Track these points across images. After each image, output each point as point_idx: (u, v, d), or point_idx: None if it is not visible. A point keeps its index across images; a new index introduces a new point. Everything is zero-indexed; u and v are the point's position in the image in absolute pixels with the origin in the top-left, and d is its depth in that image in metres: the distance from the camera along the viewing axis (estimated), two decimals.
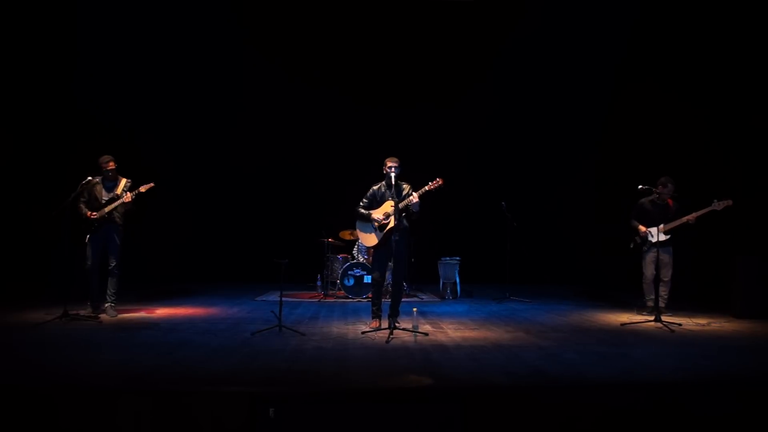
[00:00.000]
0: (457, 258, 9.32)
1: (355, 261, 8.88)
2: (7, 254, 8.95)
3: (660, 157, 8.97)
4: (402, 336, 5.71)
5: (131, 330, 6.00)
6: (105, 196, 6.91)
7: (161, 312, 7.28)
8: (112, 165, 6.90)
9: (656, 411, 3.90)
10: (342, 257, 9.18)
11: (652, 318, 6.53)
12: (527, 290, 9.68)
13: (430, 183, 5.82)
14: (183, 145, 10.81)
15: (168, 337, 5.63)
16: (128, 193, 6.80)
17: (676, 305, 7.36)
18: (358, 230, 6.36)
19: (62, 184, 7.38)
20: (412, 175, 6.30)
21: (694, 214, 6.85)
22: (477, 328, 6.26)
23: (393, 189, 6.03)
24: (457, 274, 9.23)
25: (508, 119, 10.91)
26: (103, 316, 6.72)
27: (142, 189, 6.79)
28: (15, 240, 9.11)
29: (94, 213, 6.81)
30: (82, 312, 6.67)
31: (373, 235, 6.21)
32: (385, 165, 6.12)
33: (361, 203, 6.28)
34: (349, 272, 8.73)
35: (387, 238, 6.06)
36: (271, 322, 6.13)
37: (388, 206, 6.09)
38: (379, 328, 6.00)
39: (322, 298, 8.86)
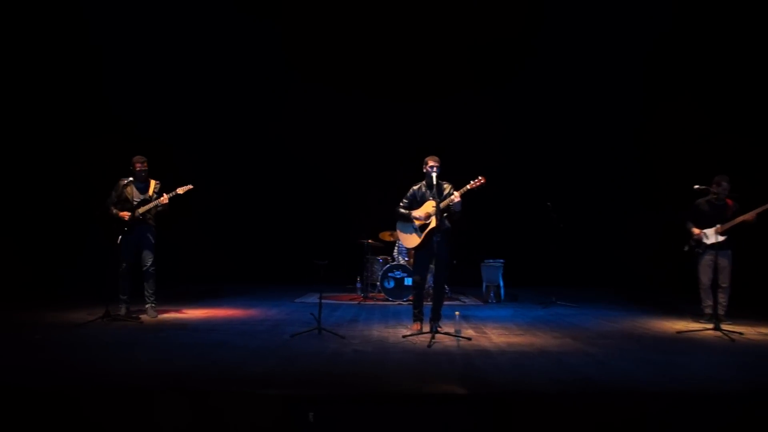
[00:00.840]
0: (501, 260, 9.24)
1: (395, 263, 8.86)
2: (41, 256, 9.25)
3: (714, 153, 8.67)
4: (444, 340, 5.67)
5: (171, 330, 6.10)
6: (137, 197, 6.97)
7: (199, 313, 7.38)
8: (144, 166, 6.96)
9: (715, 424, 3.77)
10: (382, 259, 9.18)
11: (711, 326, 6.32)
12: (574, 294, 9.51)
13: (471, 182, 5.77)
14: (219, 142, 10.96)
15: (207, 338, 5.70)
16: (165, 195, 6.83)
17: (738, 313, 7.11)
18: (398, 231, 6.34)
19: (95, 185, 7.55)
20: (452, 174, 6.25)
21: (753, 212, 6.53)
22: (522, 334, 6.19)
23: (434, 189, 5.98)
24: (500, 277, 9.15)
25: (552, 115, 10.73)
26: (143, 316, 6.84)
27: (180, 191, 6.83)
28: (46, 242, 9.42)
29: (127, 214, 6.86)
30: (121, 312, 6.79)
31: (413, 235, 6.19)
32: (426, 164, 6.09)
33: (401, 203, 6.27)
34: (389, 274, 8.72)
35: (428, 239, 6.03)
36: (310, 325, 6.15)
37: (429, 206, 6.05)
38: (420, 332, 5.98)
39: (361, 300, 8.86)
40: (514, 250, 10.16)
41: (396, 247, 9.18)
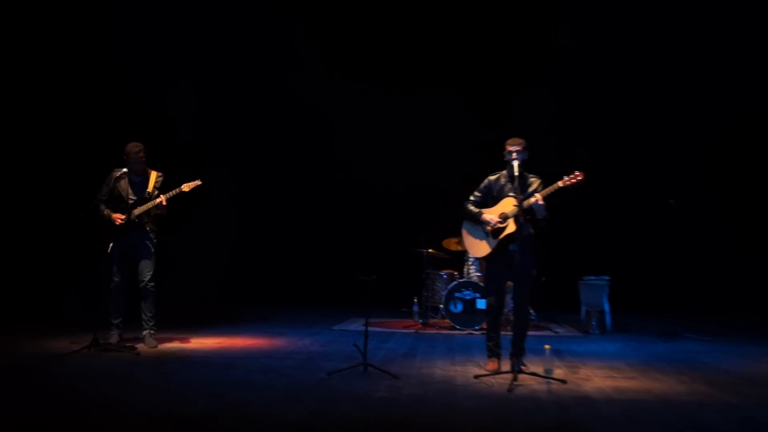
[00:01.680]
0: (606, 278, 9.14)
1: (464, 279, 8.88)
2: (22, 266, 9.62)
3: None
4: (529, 383, 5.66)
5: (175, 364, 6.24)
6: (132, 195, 7.11)
7: (211, 342, 7.53)
8: (141, 155, 7.07)
9: None
10: (446, 274, 9.19)
11: None
12: (706, 324, 9.34)
13: (565, 177, 5.79)
14: (240, 133, 11.28)
15: (222, 374, 5.80)
16: (162, 196, 6.97)
17: None
18: (464, 233, 6.41)
19: (86, 181, 7.72)
20: (544, 167, 6.29)
21: None
22: (636, 377, 6.12)
23: (516, 182, 5.95)
24: (605, 300, 9.05)
25: (674, 93, 10.69)
26: (140, 346, 6.99)
27: (186, 188, 6.96)
28: (31, 250, 9.78)
29: (120, 216, 7.01)
30: (112, 339, 6.97)
31: (484, 242, 6.22)
32: (506, 148, 6.11)
33: (471, 197, 6.32)
34: (457, 294, 8.74)
35: (503, 247, 6.07)
36: (354, 359, 6.19)
37: (508, 205, 6.05)
38: (497, 372, 5.97)
39: (419, 328, 8.92)
40: (623, 264, 10.01)
41: (465, 259, 9.20)
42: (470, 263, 9.14)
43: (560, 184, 5.75)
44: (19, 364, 6.12)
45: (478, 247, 6.24)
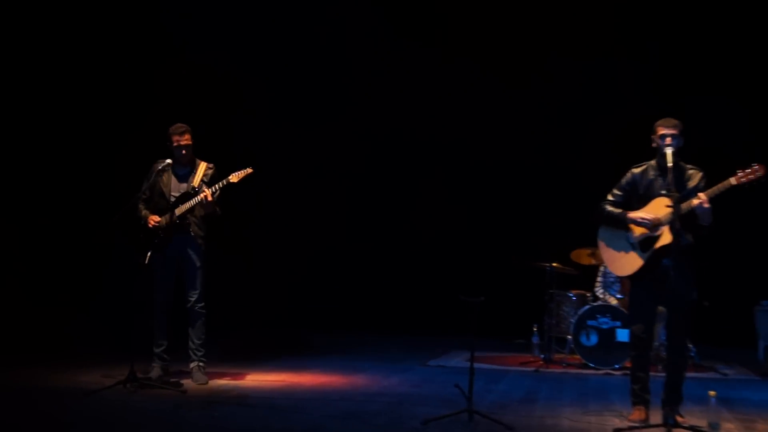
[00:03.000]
0: None
1: (598, 302, 8.85)
2: (41, 282, 9.77)
3: None
4: None
5: (229, 407, 6.30)
6: (175, 191, 7.26)
7: (273, 379, 7.63)
8: (187, 139, 7.19)
9: None
10: (576, 295, 9.20)
11: None
12: None
13: (740, 172, 5.72)
14: (314, 119, 11.45)
15: (289, 420, 5.85)
16: (207, 190, 7.06)
17: None
18: (601, 244, 6.40)
19: (121, 175, 8.13)
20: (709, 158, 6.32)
21: None
22: None
23: (670, 176, 5.90)
24: None
25: None
26: (187, 381, 7.12)
27: (233, 178, 7.05)
28: (53, 260, 9.97)
29: (157, 218, 7.16)
30: (153, 373, 7.13)
31: (630, 255, 6.16)
32: (655, 132, 6.09)
33: (609, 197, 6.32)
34: (590, 322, 8.72)
35: (656, 262, 6.00)
36: (456, 405, 6.14)
37: (659, 207, 5.99)
38: (645, 424, 5.90)
39: (541, 365, 8.93)
40: None
41: (600, 275, 9.11)
42: (608, 281, 9.06)
43: (733, 181, 5.69)
44: (40, 403, 6.25)
45: (622, 262, 6.21)
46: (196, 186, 7.20)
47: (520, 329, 10.01)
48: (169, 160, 7.13)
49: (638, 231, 6.06)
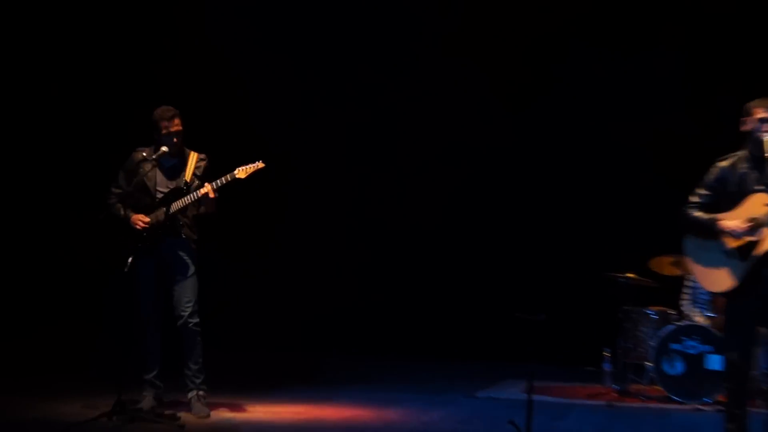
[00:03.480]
0: None
1: (685, 322, 8.69)
2: (22, 292, 9.86)
3: None
4: None
5: None
6: (161, 186, 7.05)
7: (289, 411, 7.48)
8: (178, 124, 6.96)
9: None
10: (657, 312, 8.98)
11: None
12: None
13: None
14: (329, 113, 11.36)
15: None
16: (209, 185, 6.87)
17: None
18: (689, 257, 6.32)
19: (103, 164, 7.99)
20: None
21: None
22: None
23: (767, 167, 5.90)
24: None
25: None
26: (184, 414, 6.88)
27: (241, 173, 6.88)
28: (19, 266, 10.03)
29: (143, 219, 6.96)
30: (145, 404, 6.89)
31: (726, 267, 6.00)
32: (750, 114, 5.97)
33: (693, 198, 6.16)
34: (674, 346, 8.51)
35: (758, 272, 5.86)
36: None
37: (756, 205, 5.88)
38: None
39: (614, 397, 8.74)
40: None
41: (687, 288, 9.00)
42: (698, 296, 8.87)
43: None
44: None
45: (716, 276, 6.06)
46: (188, 180, 7.03)
47: (588, 354, 9.66)
48: (164, 148, 6.90)
49: (732, 242, 5.96)
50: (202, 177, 7.01)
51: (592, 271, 9.27)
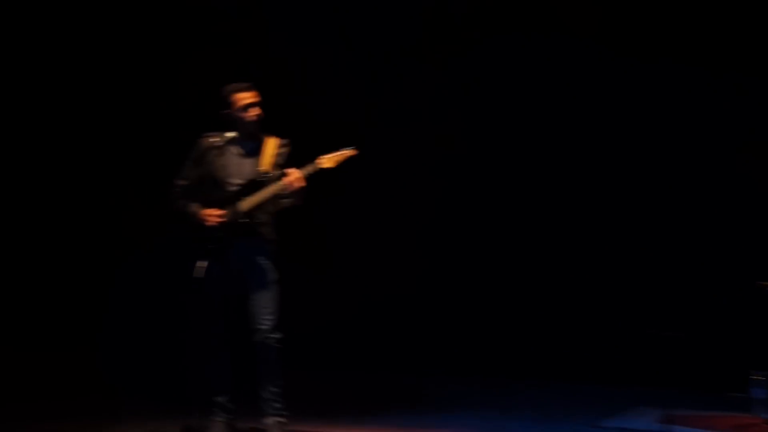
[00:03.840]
0: None
1: None
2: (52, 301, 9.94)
3: None
4: None
5: None
6: (237, 176, 6.72)
7: None
8: (254, 97, 6.70)
9: None
10: None
11: None
12: None
13: None
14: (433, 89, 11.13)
15: None
16: (297, 171, 6.50)
17: None
18: None
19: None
20: None
21: None
22: None
23: None
24: None
25: None
26: None
27: (327, 162, 6.57)
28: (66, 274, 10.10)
29: (216, 212, 6.66)
30: (214, 431, 6.71)
31: None
32: None
33: None
34: None
35: None
36: None
37: None
38: None
39: (765, 430, 8.34)
40: None
41: None
42: None
43: None
44: None
45: None
46: (268, 170, 6.73)
47: (734, 378, 9.17)
48: (227, 134, 6.77)
49: None
50: (283, 166, 6.73)
51: (740, 280, 8.96)
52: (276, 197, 6.71)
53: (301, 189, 6.63)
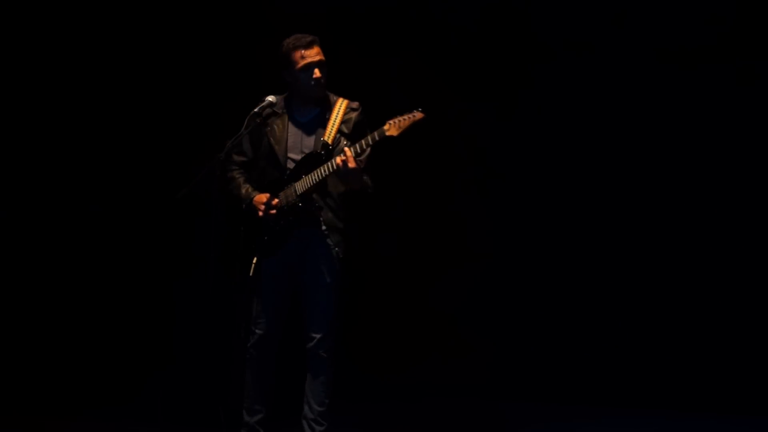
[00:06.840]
0: None
1: None
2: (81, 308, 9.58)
3: None
4: None
5: None
6: (295, 150, 6.05)
7: None
8: (318, 54, 5.94)
9: None
10: None
11: None
12: None
13: None
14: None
15: None
16: (347, 149, 5.75)
17: None
18: None
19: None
20: None
21: None
22: None
23: None
24: None
25: None
26: None
27: (392, 130, 5.66)
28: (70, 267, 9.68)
29: (263, 201, 6.05)
30: None
31: None
32: None
33: None
34: None
35: None
36: None
37: None
38: None
39: None
40: None
41: None
42: None
43: None
44: None
45: None
46: (330, 142, 5.99)
47: None
48: (278, 98, 6.10)
49: None
50: (353, 135, 6.00)
51: None
52: (332, 177, 6.02)
53: (357, 170, 5.84)
